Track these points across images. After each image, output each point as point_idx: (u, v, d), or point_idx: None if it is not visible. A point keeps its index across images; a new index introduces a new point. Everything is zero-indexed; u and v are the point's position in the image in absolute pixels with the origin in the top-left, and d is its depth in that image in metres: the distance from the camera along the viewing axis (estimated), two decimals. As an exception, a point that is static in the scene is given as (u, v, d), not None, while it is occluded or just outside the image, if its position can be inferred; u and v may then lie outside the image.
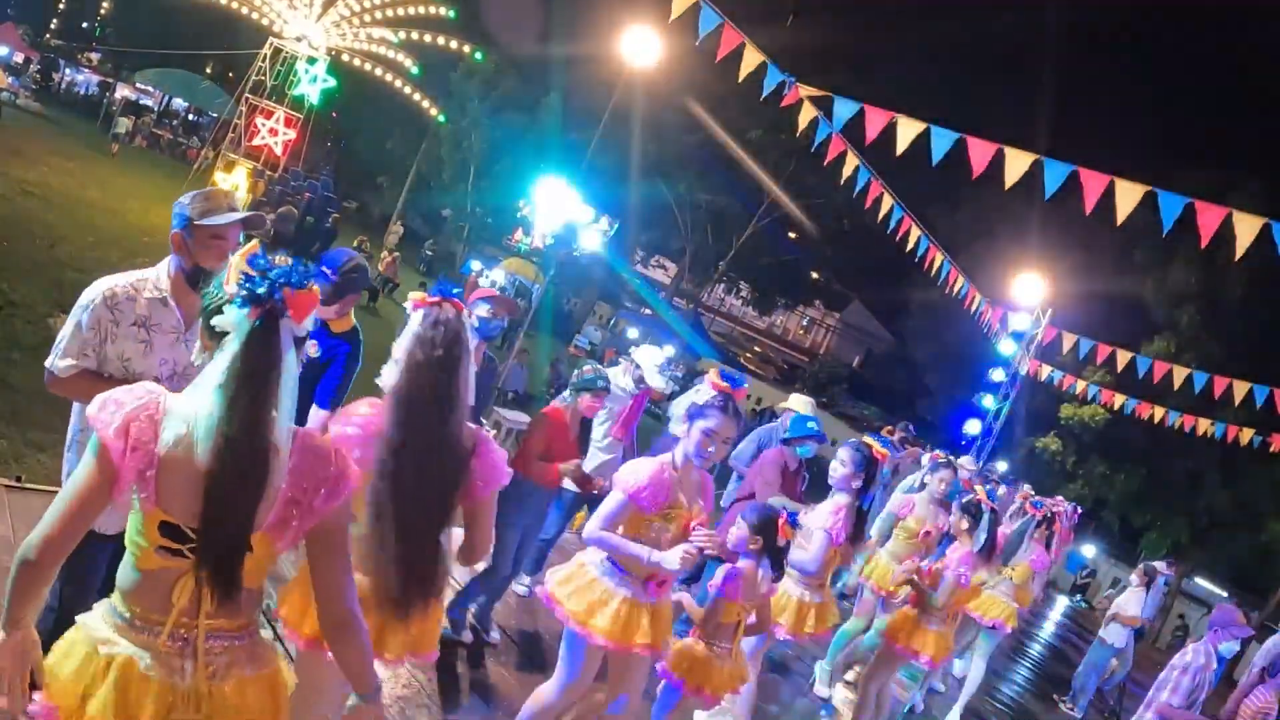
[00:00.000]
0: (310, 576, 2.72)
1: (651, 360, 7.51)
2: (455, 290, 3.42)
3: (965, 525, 7.31)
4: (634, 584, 4.53)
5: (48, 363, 3.57)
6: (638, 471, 4.53)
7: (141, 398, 2.43)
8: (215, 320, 2.43)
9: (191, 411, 2.40)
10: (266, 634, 2.72)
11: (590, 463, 7.57)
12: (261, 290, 2.39)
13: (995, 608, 9.00)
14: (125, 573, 2.48)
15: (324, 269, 5.34)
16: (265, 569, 2.58)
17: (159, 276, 3.75)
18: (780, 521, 5.18)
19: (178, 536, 2.40)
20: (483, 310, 6.33)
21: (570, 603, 4.55)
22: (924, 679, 9.09)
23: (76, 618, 2.52)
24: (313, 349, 5.33)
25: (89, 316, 3.58)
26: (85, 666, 2.41)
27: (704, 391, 4.65)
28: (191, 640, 2.47)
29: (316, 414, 5.42)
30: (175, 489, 2.37)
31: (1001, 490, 12.13)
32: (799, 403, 9.42)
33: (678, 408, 4.82)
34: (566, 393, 7.09)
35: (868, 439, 6.72)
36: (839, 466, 6.47)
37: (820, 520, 6.25)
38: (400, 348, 3.35)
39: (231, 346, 2.38)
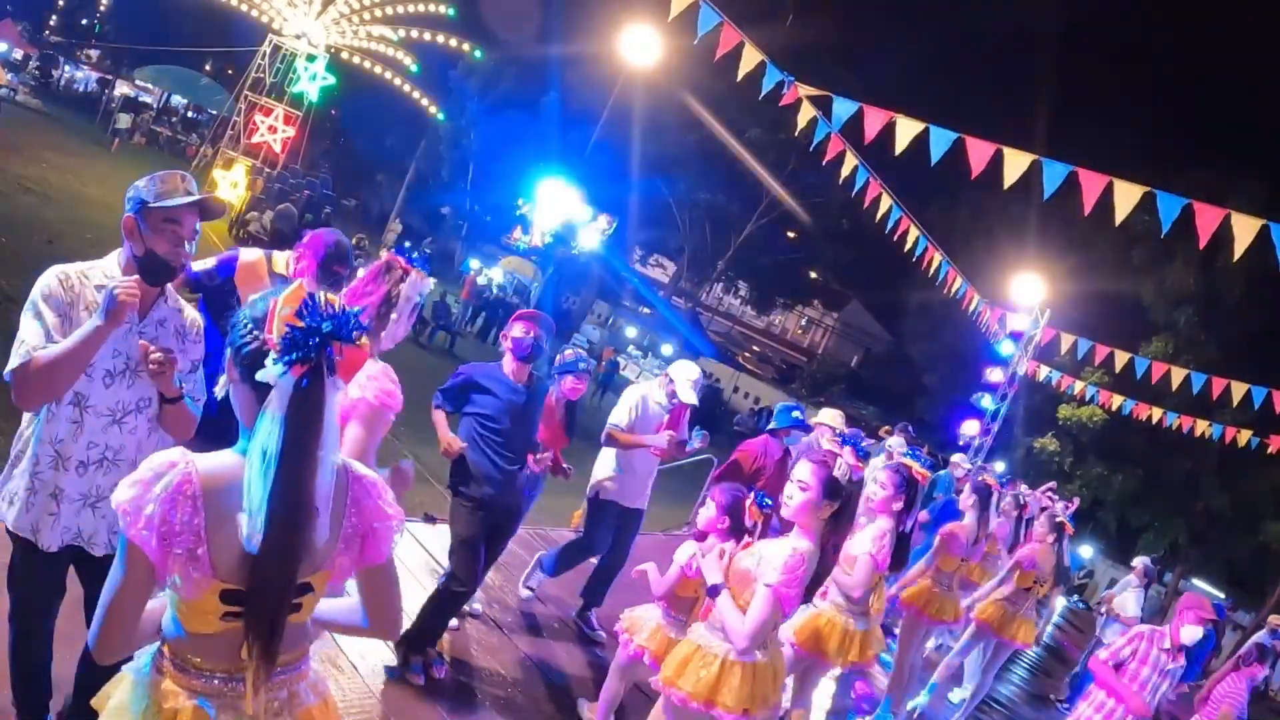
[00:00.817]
0: (366, 609, 2.64)
1: (686, 375, 7.50)
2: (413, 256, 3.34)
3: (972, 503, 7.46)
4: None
5: (6, 371, 3.41)
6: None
7: (168, 479, 2.23)
8: (258, 374, 2.24)
9: (231, 476, 2.27)
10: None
11: (619, 479, 7.55)
12: (313, 348, 2.22)
13: (1024, 630, 9.03)
14: (181, 635, 2.36)
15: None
16: (316, 605, 2.54)
17: (109, 266, 3.65)
18: (747, 503, 5.19)
19: (240, 601, 2.30)
20: (517, 331, 6.21)
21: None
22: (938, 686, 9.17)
23: (125, 668, 2.47)
24: None
25: (49, 303, 3.49)
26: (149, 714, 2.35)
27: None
28: (257, 685, 2.35)
29: None
30: (230, 555, 2.25)
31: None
32: (829, 416, 9.31)
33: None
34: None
35: (907, 459, 6.64)
36: (879, 490, 6.40)
37: (863, 545, 6.16)
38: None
39: (275, 409, 2.22)
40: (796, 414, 8.14)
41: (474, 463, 6.03)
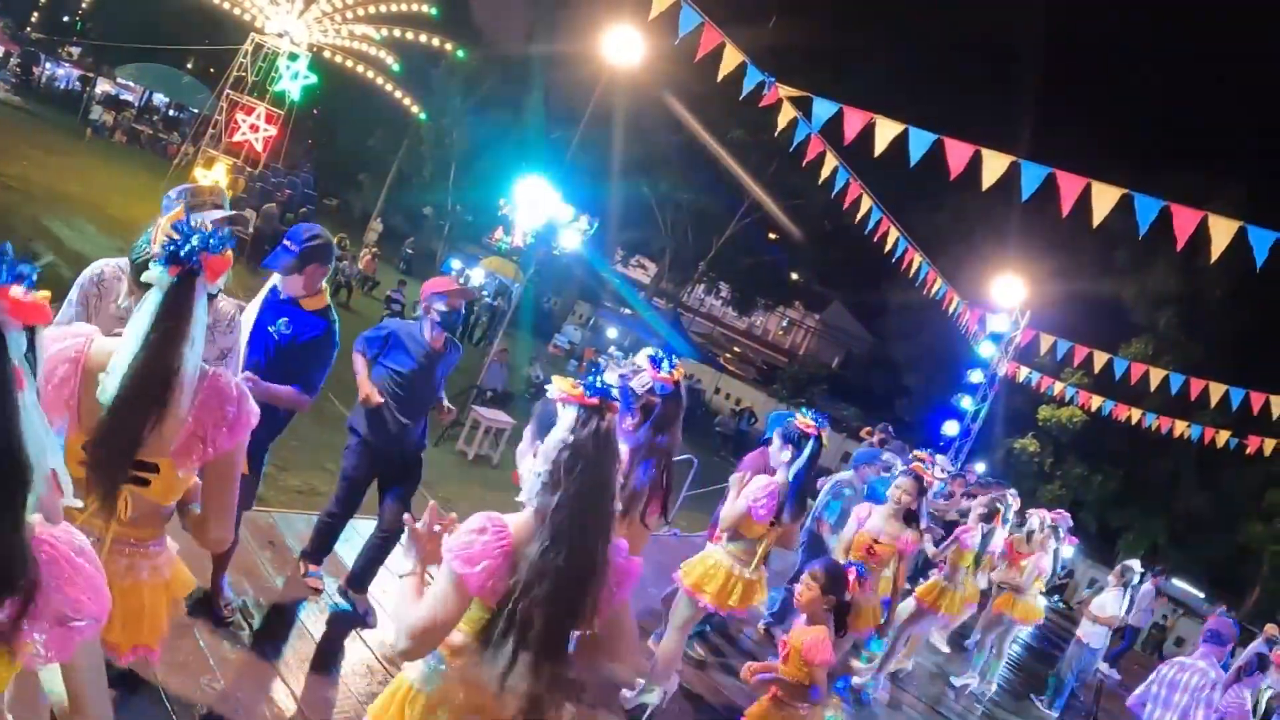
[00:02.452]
0: (203, 501, 3.05)
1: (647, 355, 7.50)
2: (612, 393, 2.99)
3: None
4: None
5: None
6: None
7: (68, 339, 2.83)
8: (143, 275, 2.79)
9: (112, 348, 2.78)
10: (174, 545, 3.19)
11: None
12: (183, 252, 2.75)
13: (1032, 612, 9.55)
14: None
15: (286, 242, 5.33)
16: (173, 491, 2.96)
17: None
18: (849, 578, 5.25)
19: None
20: (440, 305, 6.47)
21: None
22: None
23: None
24: (284, 325, 5.33)
25: (79, 292, 3.77)
26: None
27: None
28: (102, 541, 2.82)
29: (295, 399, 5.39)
30: (94, 414, 2.74)
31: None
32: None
33: None
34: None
35: (918, 465, 7.06)
36: (902, 496, 7.32)
37: (749, 492, 6.43)
38: (549, 452, 2.92)
39: (153, 297, 2.75)
40: (648, 357, 8.16)
41: (378, 411, 6.44)
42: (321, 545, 6.79)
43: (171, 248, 2.75)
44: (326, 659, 5.83)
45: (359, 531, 7.24)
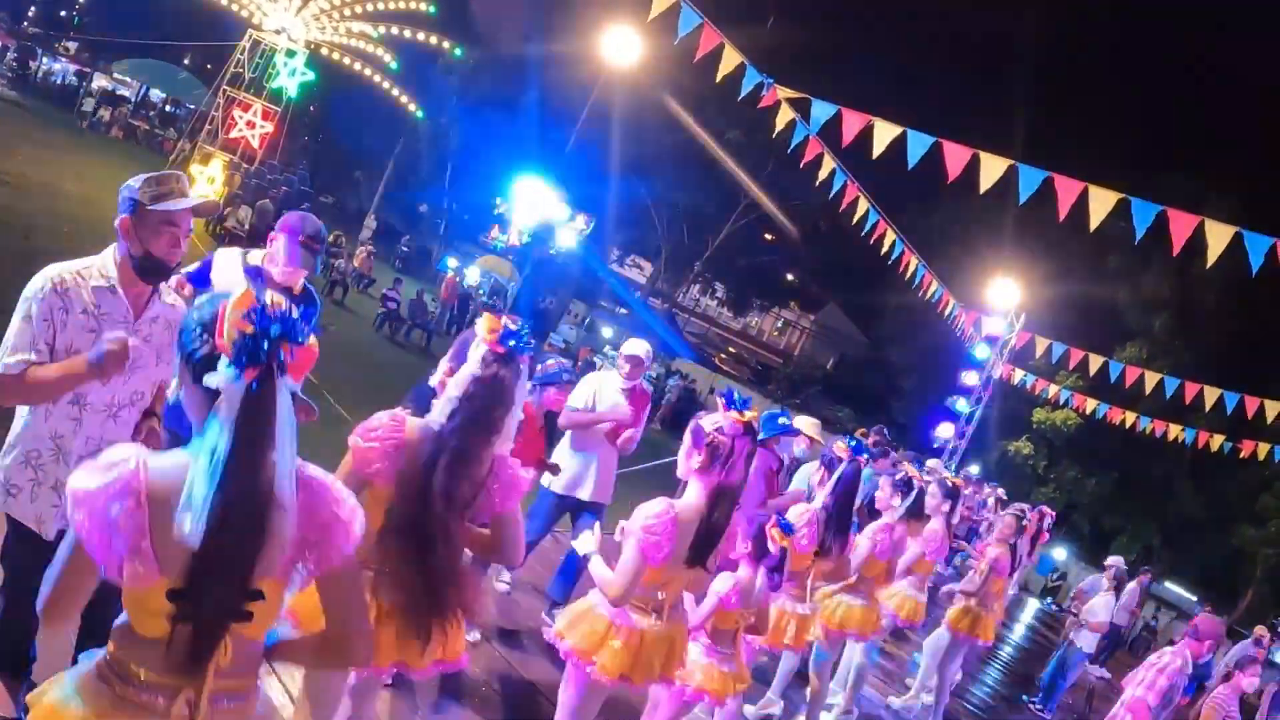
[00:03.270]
0: (332, 620, 2.56)
1: (634, 350, 7.51)
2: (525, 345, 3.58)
3: (896, 500, 7.50)
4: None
5: (2, 368, 3.44)
6: None
7: (109, 470, 2.21)
8: (207, 378, 2.22)
9: (181, 474, 2.22)
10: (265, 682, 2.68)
11: (571, 462, 7.54)
12: (263, 350, 2.20)
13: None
14: (128, 634, 2.31)
15: (307, 240, 5.23)
16: (274, 619, 2.43)
17: (105, 264, 3.66)
18: (769, 527, 5.20)
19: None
20: (550, 364, 6.56)
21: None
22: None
23: (67, 675, 2.39)
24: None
25: (39, 306, 3.48)
26: None
27: None
28: (196, 707, 2.30)
29: None
30: (176, 554, 2.20)
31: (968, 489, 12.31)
32: (807, 425, 9.26)
33: None
34: (528, 386, 7.12)
35: (945, 473, 7.17)
36: (929, 499, 7.76)
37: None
38: (460, 382, 3.48)
39: (225, 413, 2.21)
40: (783, 420, 8.13)
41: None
42: None
43: (248, 345, 2.19)
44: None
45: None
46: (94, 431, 3.64)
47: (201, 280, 4.92)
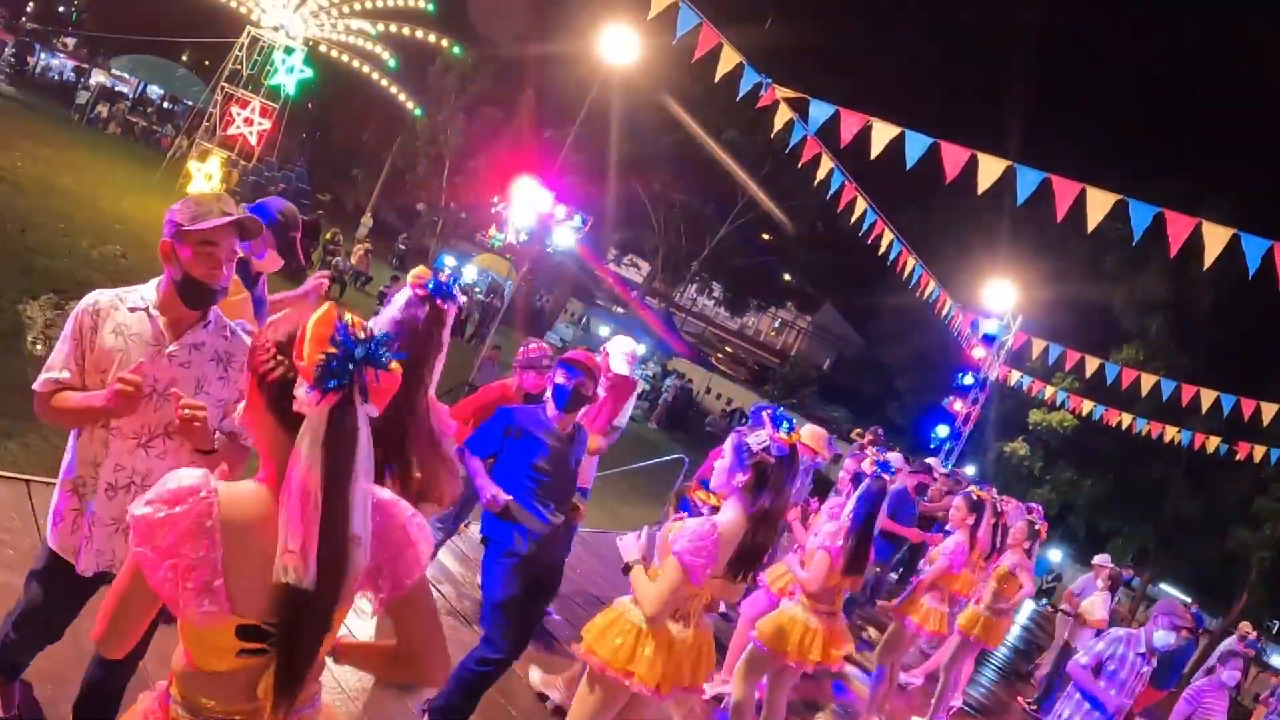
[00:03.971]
0: (408, 641, 2.47)
1: (620, 349, 7.52)
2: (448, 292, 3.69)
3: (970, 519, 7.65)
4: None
5: (34, 385, 3.46)
6: None
7: (187, 508, 2.12)
8: (295, 404, 2.11)
9: (256, 508, 2.19)
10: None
11: None
12: (348, 375, 2.11)
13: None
14: (193, 674, 2.26)
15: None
16: (333, 640, 2.38)
17: (147, 288, 3.58)
18: (690, 491, 5.23)
19: (258, 636, 2.19)
20: (560, 378, 5.72)
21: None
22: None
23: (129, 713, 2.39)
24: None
25: (73, 326, 3.46)
26: None
27: None
28: None
29: None
30: (249, 590, 2.14)
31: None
32: (810, 435, 9.00)
33: None
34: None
35: (973, 487, 7.24)
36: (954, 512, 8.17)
37: (821, 540, 6.40)
38: (380, 323, 3.50)
39: (311, 440, 2.08)
40: (766, 414, 8.13)
41: (519, 515, 5.53)
42: (464, 703, 5.54)
43: (333, 368, 2.10)
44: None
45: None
46: (124, 460, 3.52)
47: None
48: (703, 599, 4.50)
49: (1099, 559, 13.74)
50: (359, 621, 6.32)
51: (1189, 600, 35.08)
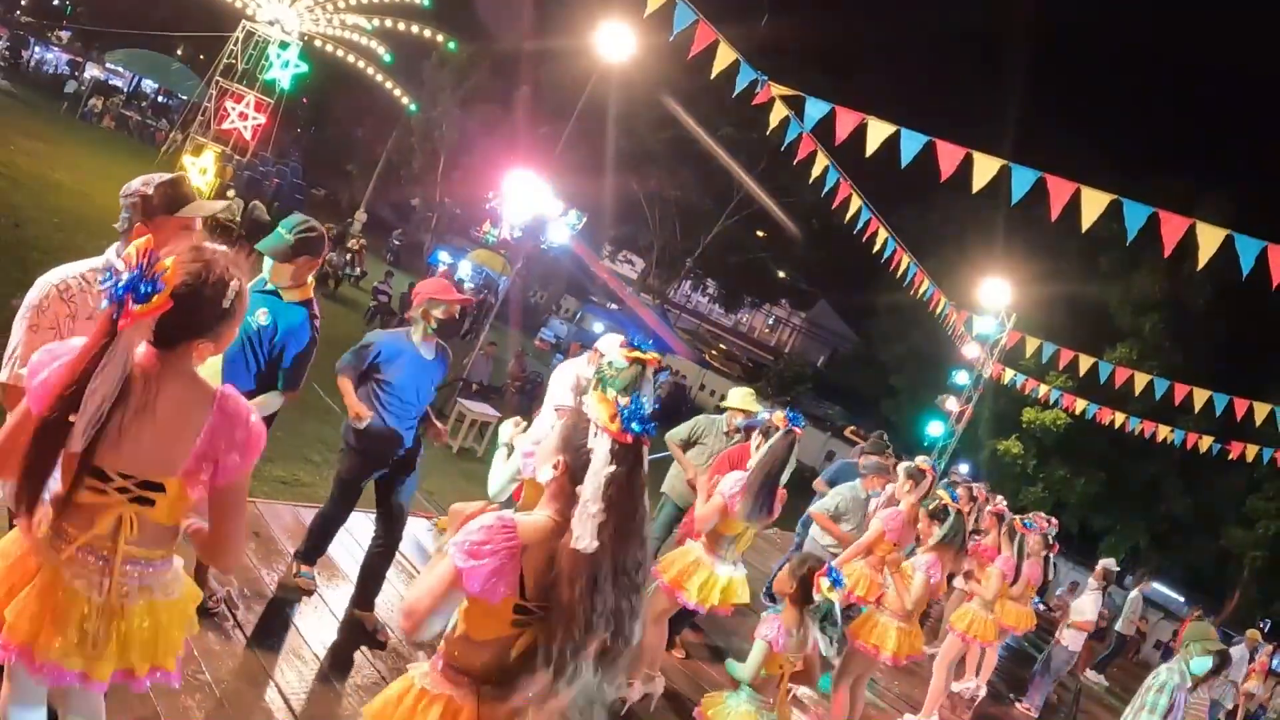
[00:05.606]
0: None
1: (613, 345, 7.52)
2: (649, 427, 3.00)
3: (934, 528, 7.49)
4: None
5: (1, 376, 3.39)
6: None
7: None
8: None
9: (546, 540, 2.86)
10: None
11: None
12: (634, 424, 2.82)
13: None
14: (465, 640, 2.90)
15: (282, 231, 5.30)
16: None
17: (113, 265, 3.53)
18: (817, 575, 5.21)
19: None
20: (438, 312, 6.39)
21: None
22: None
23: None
24: (263, 316, 5.24)
25: (46, 316, 3.39)
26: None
27: None
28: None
29: (273, 399, 5.36)
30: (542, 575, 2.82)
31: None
32: (739, 397, 9.21)
33: None
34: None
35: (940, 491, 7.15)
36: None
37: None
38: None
39: (604, 472, 2.77)
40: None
41: (372, 423, 6.32)
42: (316, 546, 6.70)
43: (630, 415, 2.82)
44: (310, 648, 5.83)
45: (350, 532, 7.30)
46: None
47: None
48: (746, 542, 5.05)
49: (1103, 563, 13.75)
50: (318, 620, 6.34)
51: (1180, 598, 35.15)
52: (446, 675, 2.91)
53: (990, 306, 20.12)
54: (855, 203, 13.69)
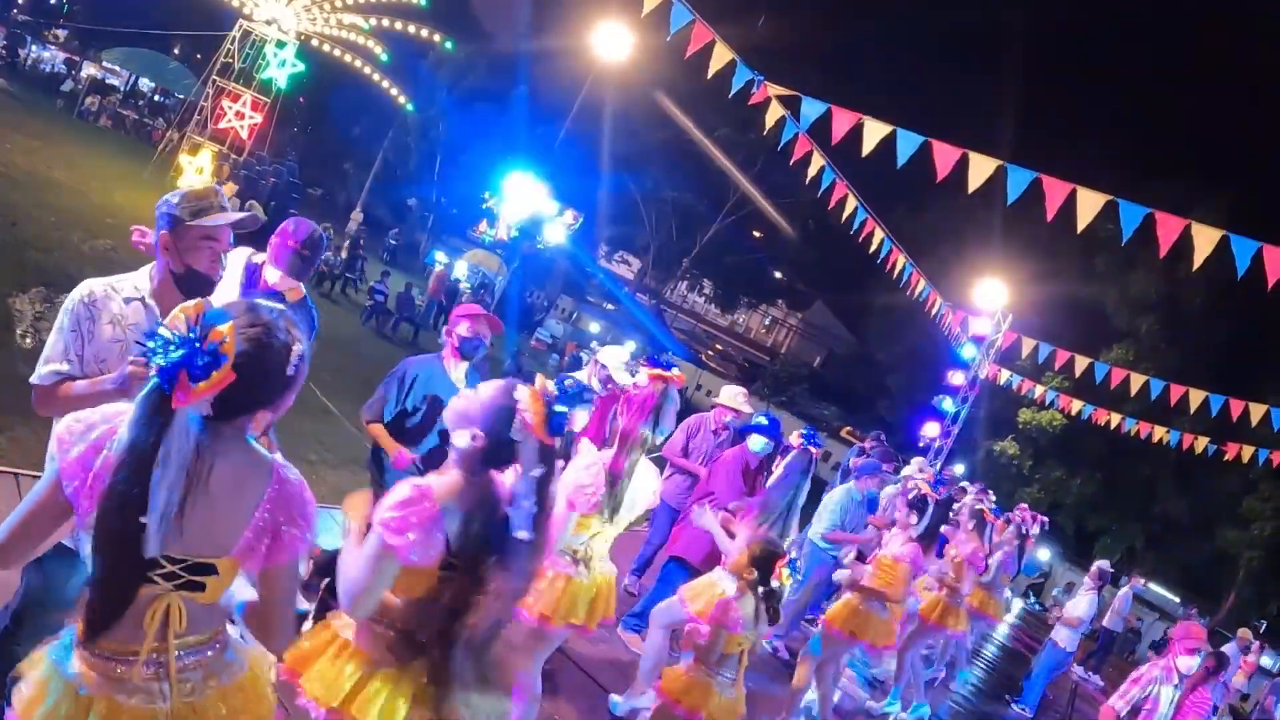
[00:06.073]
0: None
1: (617, 359, 7.51)
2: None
3: (912, 519, 7.53)
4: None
5: (31, 379, 3.44)
6: None
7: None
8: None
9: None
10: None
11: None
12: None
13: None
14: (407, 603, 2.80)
15: (299, 248, 5.19)
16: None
17: (140, 277, 3.62)
18: (779, 565, 5.26)
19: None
20: (462, 329, 6.11)
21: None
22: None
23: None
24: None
25: (70, 317, 3.46)
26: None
27: None
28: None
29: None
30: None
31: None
32: (728, 395, 9.26)
33: None
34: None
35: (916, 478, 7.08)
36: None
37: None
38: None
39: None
40: (761, 419, 8.25)
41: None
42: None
43: (556, 422, 3.04)
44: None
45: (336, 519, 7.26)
46: None
47: None
48: (605, 541, 4.87)
49: (1097, 564, 13.79)
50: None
51: (1175, 598, 35.20)
52: (369, 629, 3.11)
53: (986, 307, 20.12)
54: (851, 203, 13.71)
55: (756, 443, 8.15)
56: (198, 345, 2.34)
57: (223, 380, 2.37)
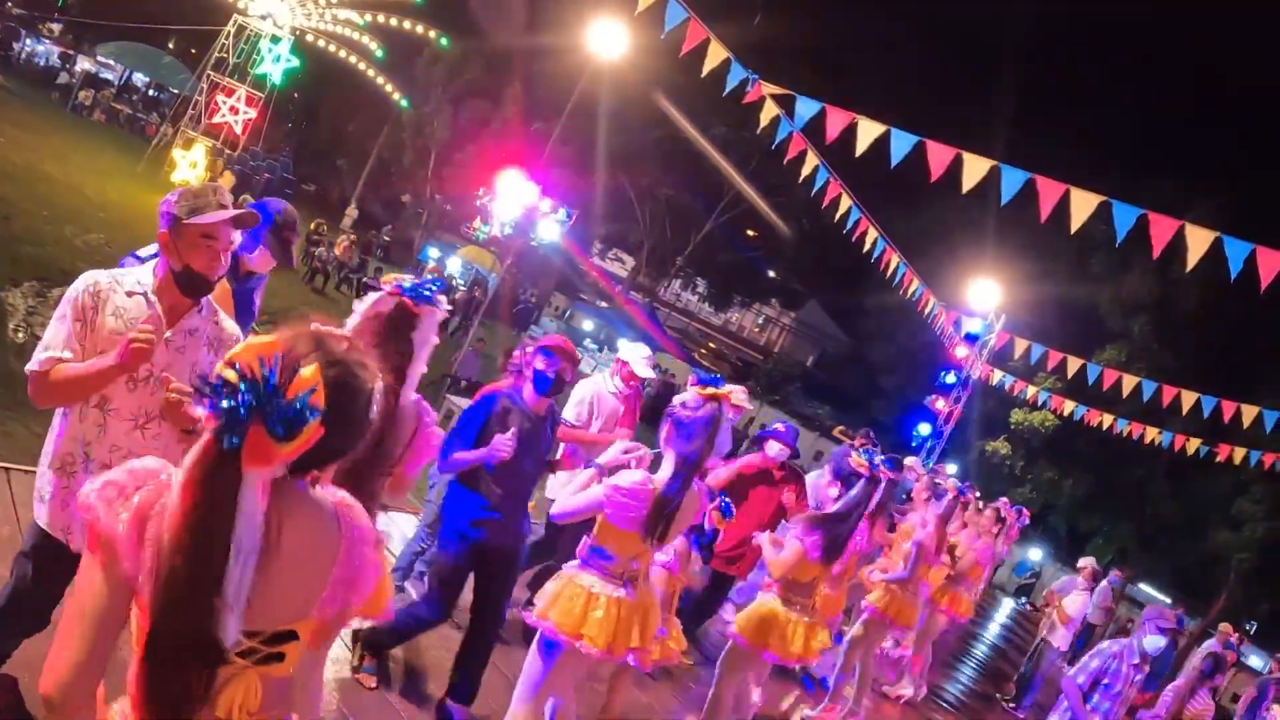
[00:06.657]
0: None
1: (638, 354, 7.51)
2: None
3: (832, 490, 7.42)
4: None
5: (27, 369, 3.42)
6: None
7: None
8: None
9: None
10: None
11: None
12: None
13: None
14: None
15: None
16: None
17: (143, 272, 3.64)
18: (710, 508, 5.28)
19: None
20: (540, 363, 5.75)
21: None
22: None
23: None
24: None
25: (72, 307, 3.47)
26: None
27: None
28: None
29: None
30: None
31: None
32: (628, 350, 8.52)
33: None
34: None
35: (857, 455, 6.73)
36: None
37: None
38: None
39: None
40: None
41: (477, 493, 5.60)
42: (393, 643, 5.97)
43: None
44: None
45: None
46: (120, 440, 3.56)
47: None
48: (647, 560, 4.62)
49: (1084, 561, 13.81)
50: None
51: (1169, 600, 35.26)
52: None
53: (979, 307, 20.14)
54: (845, 202, 13.70)
55: (773, 449, 8.12)
56: (280, 395, 1.89)
57: (312, 437, 1.93)
